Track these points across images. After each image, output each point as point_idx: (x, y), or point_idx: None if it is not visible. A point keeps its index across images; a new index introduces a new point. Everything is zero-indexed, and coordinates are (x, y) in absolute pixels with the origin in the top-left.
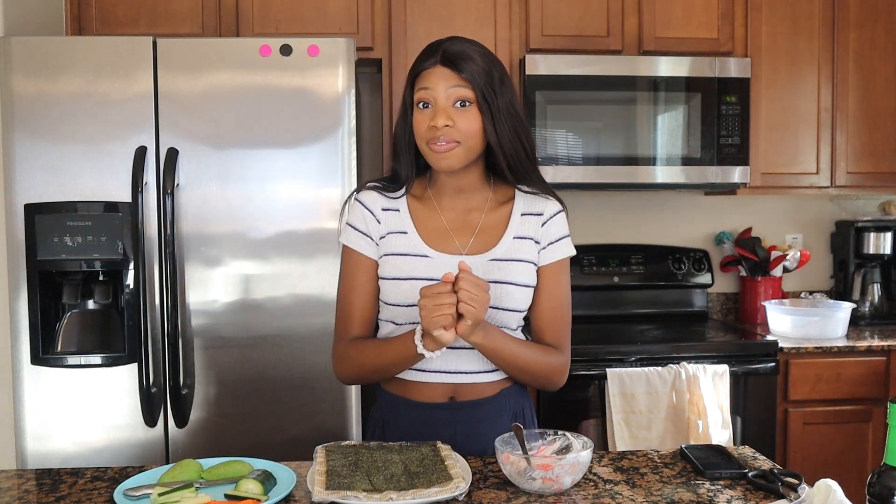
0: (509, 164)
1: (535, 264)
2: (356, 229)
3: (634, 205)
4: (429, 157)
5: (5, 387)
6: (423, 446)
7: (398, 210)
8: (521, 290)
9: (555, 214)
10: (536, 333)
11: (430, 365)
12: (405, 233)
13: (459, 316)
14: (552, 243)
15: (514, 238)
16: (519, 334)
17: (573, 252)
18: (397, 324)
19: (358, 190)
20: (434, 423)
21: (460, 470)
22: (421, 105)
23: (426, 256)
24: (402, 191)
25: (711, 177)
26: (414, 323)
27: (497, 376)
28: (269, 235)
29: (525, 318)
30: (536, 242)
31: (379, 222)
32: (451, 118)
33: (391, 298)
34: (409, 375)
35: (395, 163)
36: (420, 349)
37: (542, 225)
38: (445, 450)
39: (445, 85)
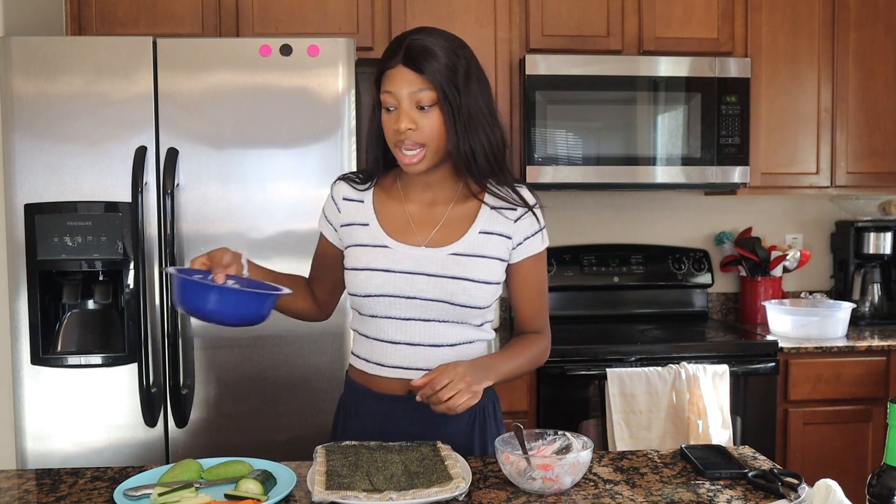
0: (467, 166)
1: (504, 260)
2: (323, 214)
3: (634, 205)
4: (398, 160)
5: (5, 387)
6: (423, 446)
7: (362, 202)
8: (480, 286)
9: (529, 210)
10: (520, 323)
11: (388, 360)
12: (367, 224)
13: None
14: (529, 238)
15: (479, 233)
16: (487, 330)
17: (548, 242)
18: (362, 313)
19: (335, 180)
20: (393, 415)
21: (460, 470)
22: (386, 108)
23: (385, 247)
24: (370, 184)
25: (711, 177)
26: (374, 316)
27: None
28: (269, 235)
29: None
30: (508, 238)
31: (339, 211)
32: (413, 121)
33: (352, 288)
34: (368, 369)
35: (366, 157)
36: None
37: (516, 221)
38: (445, 450)
39: (408, 89)
